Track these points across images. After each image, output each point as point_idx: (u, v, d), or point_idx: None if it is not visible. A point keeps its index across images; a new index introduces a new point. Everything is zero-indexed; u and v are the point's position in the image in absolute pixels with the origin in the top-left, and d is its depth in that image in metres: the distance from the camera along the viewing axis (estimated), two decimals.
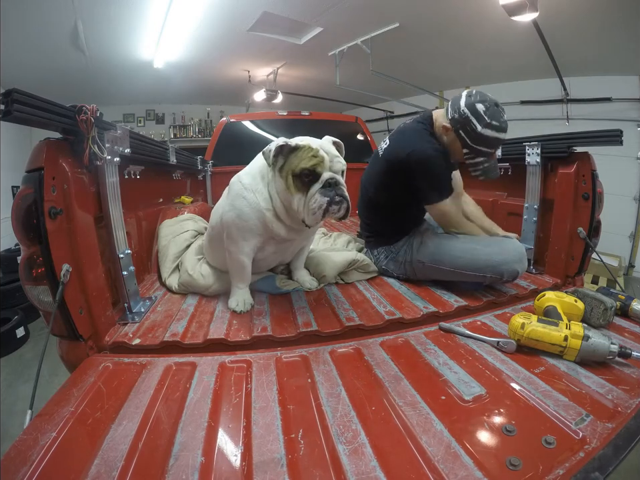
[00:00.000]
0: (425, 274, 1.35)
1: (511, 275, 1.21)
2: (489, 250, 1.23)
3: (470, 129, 1.18)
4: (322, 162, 0.98)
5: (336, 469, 0.57)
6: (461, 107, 1.20)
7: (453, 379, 0.79)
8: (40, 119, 0.76)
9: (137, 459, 0.59)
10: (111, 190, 1.05)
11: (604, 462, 0.57)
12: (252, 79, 5.09)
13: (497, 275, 1.21)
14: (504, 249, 1.23)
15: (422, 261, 1.32)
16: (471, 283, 1.28)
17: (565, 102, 3.96)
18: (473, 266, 1.22)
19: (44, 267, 0.84)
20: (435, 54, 4.02)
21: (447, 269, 1.27)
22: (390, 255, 1.41)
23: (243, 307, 1.15)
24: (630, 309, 1.07)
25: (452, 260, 1.26)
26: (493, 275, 1.21)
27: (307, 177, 0.98)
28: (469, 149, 1.23)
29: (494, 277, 1.21)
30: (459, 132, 1.22)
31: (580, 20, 2.91)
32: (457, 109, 1.21)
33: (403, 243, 1.39)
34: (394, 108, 6.18)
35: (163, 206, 1.80)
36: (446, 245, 1.30)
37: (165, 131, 6.58)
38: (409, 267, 1.36)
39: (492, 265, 1.20)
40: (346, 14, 3.18)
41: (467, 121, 1.18)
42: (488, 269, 1.21)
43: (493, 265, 1.20)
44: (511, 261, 1.20)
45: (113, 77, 4.58)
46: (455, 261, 1.25)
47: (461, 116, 1.20)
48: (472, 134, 1.19)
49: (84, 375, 0.82)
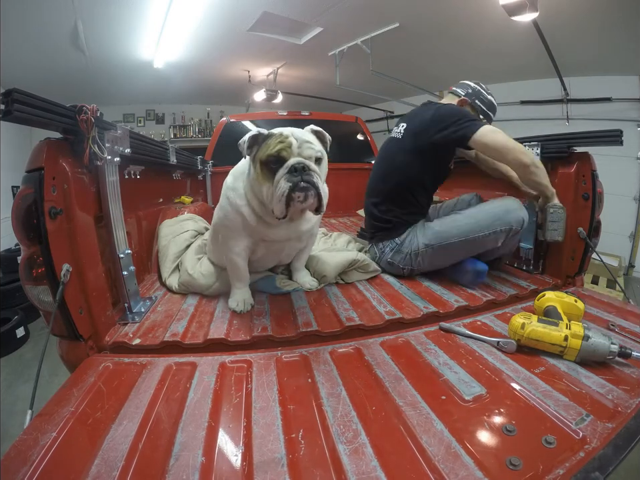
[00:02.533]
0: (432, 261, 1.36)
1: (519, 222, 1.26)
2: (489, 207, 1.33)
3: (483, 97, 1.45)
4: (289, 147, 0.92)
5: (336, 468, 0.57)
6: (470, 84, 1.47)
7: (453, 378, 0.79)
8: (40, 118, 0.76)
9: (137, 459, 0.59)
10: (111, 190, 1.05)
11: (604, 462, 0.57)
12: (252, 79, 5.09)
13: (505, 226, 1.25)
14: (502, 202, 1.33)
15: (429, 244, 1.34)
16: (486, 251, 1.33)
17: (565, 102, 3.97)
18: (480, 225, 1.27)
19: (44, 267, 0.84)
20: (434, 54, 4.03)
21: (456, 240, 1.30)
22: (395, 247, 1.42)
23: (242, 307, 1.14)
24: None
25: (458, 229, 1.30)
26: (503, 227, 1.26)
27: (274, 163, 0.93)
28: (484, 115, 1.45)
29: (504, 229, 1.26)
30: (476, 102, 1.44)
31: (580, 20, 2.91)
32: (467, 86, 1.47)
33: (407, 234, 1.41)
34: (394, 108, 6.18)
35: (163, 206, 1.80)
36: (449, 219, 1.37)
37: (165, 131, 6.59)
38: (415, 256, 1.37)
39: (498, 218, 1.26)
40: (346, 14, 3.18)
41: (479, 92, 1.45)
42: (496, 223, 1.26)
43: (499, 217, 1.26)
44: (512, 209, 1.27)
45: (113, 77, 4.59)
46: (461, 229, 1.30)
47: (473, 90, 1.45)
48: (485, 101, 1.44)
49: (84, 375, 0.82)
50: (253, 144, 0.98)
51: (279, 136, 0.95)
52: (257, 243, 1.14)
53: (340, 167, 3.18)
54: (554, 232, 1.27)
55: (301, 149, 0.93)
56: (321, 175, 0.95)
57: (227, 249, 1.16)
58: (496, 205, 1.32)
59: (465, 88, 1.47)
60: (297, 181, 0.90)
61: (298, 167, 0.90)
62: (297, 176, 0.90)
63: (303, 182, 0.90)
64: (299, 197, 0.90)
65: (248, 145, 0.96)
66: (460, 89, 1.48)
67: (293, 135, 0.95)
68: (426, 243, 1.35)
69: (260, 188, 0.97)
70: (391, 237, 1.44)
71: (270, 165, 0.94)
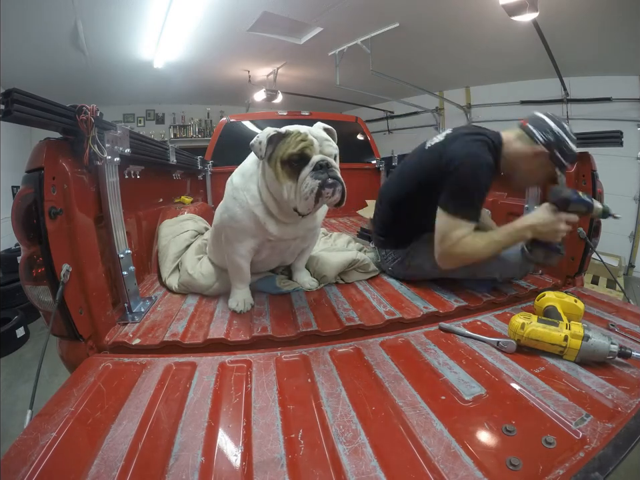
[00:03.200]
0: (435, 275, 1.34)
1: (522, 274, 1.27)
2: None
3: (566, 148, 1.12)
4: (311, 145, 0.94)
5: (336, 468, 0.57)
6: (552, 125, 1.13)
7: (453, 378, 0.79)
8: (40, 119, 0.76)
9: (137, 459, 0.59)
10: (111, 190, 1.05)
11: (604, 462, 0.57)
12: (252, 79, 5.09)
13: (508, 275, 1.26)
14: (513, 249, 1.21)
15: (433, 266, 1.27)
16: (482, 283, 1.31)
17: (565, 102, 3.97)
18: (485, 269, 1.24)
19: (44, 267, 0.84)
20: (434, 54, 4.03)
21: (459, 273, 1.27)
22: (397, 259, 1.40)
23: (242, 307, 1.14)
24: None
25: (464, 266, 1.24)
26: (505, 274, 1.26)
27: (297, 162, 0.94)
28: (562, 169, 1.16)
29: (506, 276, 1.26)
30: (555, 153, 1.13)
31: (580, 20, 2.91)
32: (549, 130, 1.12)
33: (412, 248, 1.37)
34: (394, 108, 6.18)
35: (163, 206, 1.80)
36: None
37: (165, 131, 6.59)
38: (419, 270, 1.35)
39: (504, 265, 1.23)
40: (346, 14, 3.18)
41: (563, 141, 1.11)
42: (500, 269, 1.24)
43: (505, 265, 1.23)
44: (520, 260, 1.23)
45: (113, 77, 4.59)
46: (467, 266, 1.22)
47: (556, 136, 1.12)
48: (568, 154, 1.12)
49: (84, 375, 0.82)
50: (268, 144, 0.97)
51: (298, 134, 0.96)
52: (262, 243, 1.14)
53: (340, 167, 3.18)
54: None
55: (322, 146, 0.96)
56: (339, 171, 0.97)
57: (231, 251, 1.15)
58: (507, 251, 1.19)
59: (543, 130, 1.12)
60: (325, 178, 0.92)
61: (322, 164, 0.93)
62: (324, 173, 0.92)
63: (330, 178, 0.92)
64: (327, 192, 0.92)
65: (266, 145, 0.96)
66: (537, 130, 1.13)
67: (311, 133, 0.96)
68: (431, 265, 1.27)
69: (279, 187, 0.97)
70: (395, 247, 1.41)
71: (292, 164, 0.94)
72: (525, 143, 1.16)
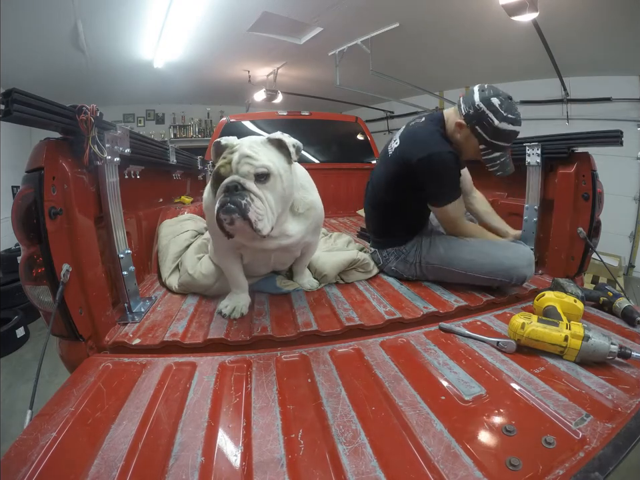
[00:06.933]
0: (435, 275, 1.35)
1: (520, 279, 1.23)
2: (499, 254, 1.24)
3: (487, 123, 1.15)
4: (229, 163, 0.85)
5: (336, 469, 0.57)
6: (476, 102, 1.16)
7: (452, 379, 0.79)
8: (40, 119, 0.76)
9: (137, 459, 0.59)
10: (111, 190, 1.05)
11: (604, 462, 0.57)
12: (252, 79, 5.09)
13: (506, 279, 1.23)
14: (514, 253, 1.24)
15: (432, 263, 1.32)
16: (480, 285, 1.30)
17: (565, 102, 3.97)
18: (484, 270, 1.24)
19: (44, 267, 0.84)
20: (434, 54, 4.03)
21: (457, 271, 1.28)
22: (400, 256, 1.40)
23: (229, 312, 1.10)
24: (613, 305, 1.11)
25: (462, 263, 1.26)
26: (503, 278, 1.23)
27: (216, 180, 0.87)
28: (486, 144, 1.20)
29: (503, 280, 1.24)
30: (475, 127, 1.18)
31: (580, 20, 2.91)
32: (472, 104, 1.17)
33: (412, 245, 1.38)
34: (394, 108, 6.18)
35: (163, 206, 1.80)
36: (456, 248, 1.30)
37: (165, 131, 6.59)
38: (419, 268, 1.36)
39: (502, 269, 1.22)
40: (346, 14, 3.18)
41: (483, 115, 1.15)
42: (499, 273, 1.22)
43: (504, 269, 1.22)
44: (520, 266, 1.21)
45: (113, 77, 4.58)
46: (465, 265, 1.26)
47: (476, 111, 1.16)
48: (489, 128, 1.15)
49: (84, 375, 0.82)
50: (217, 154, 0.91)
51: (228, 148, 0.89)
52: (239, 248, 1.11)
53: (340, 167, 3.18)
54: None
55: (239, 164, 0.85)
56: (259, 194, 0.85)
57: (216, 248, 1.16)
58: (506, 255, 1.23)
59: (469, 105, 1.18)
60: (224, 202, 0.83)
61: (230, 186, 0.83)
62: (227, 197, 0.83)
63: (229, 203, 0.83)
64: (225, 219, 0.84)
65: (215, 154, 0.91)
66: (465, 104, 1.20)
67: (241, 148, 0.87)
68: (429, 261, 1.33)
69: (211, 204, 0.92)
70: (395, 245, 1.41)
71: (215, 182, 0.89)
72: (456, 115, 1.24)
